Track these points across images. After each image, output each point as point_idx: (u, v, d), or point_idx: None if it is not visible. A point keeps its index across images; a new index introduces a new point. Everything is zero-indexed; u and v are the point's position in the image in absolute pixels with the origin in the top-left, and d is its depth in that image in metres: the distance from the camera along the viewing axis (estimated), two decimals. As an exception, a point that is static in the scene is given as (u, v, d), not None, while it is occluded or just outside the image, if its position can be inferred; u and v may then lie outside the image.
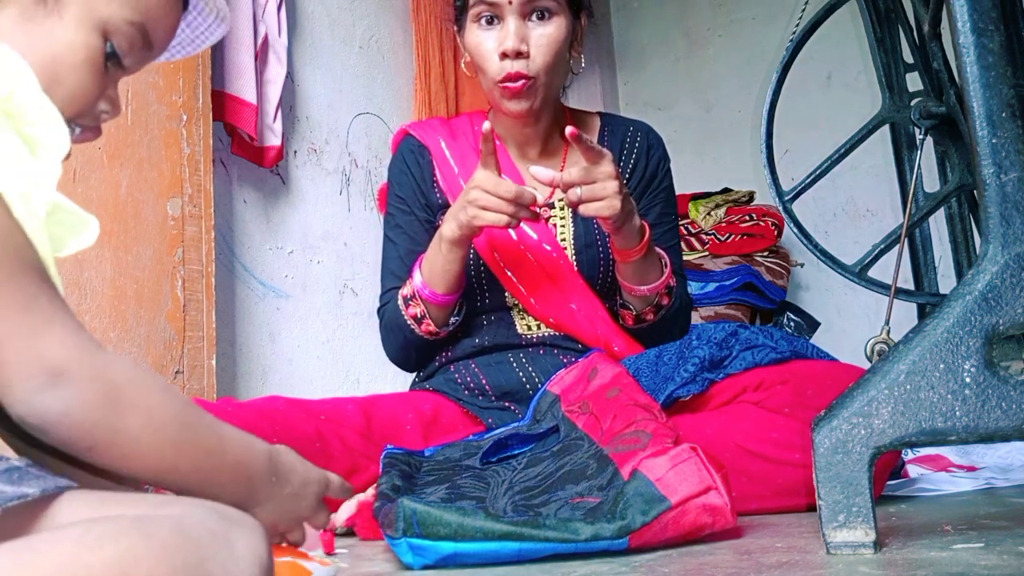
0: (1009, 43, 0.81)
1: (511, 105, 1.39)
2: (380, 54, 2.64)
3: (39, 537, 0.52)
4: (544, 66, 1.38)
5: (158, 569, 0.51)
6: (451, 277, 1.36)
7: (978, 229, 1.55)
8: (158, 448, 0.62)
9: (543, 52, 1.38)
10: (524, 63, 1.37)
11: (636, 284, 1.39)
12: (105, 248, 1.62)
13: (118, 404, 0.59)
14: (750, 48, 3.45)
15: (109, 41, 0.70)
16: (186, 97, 1.81)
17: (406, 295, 1.41)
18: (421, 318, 1.40)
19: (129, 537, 0.51)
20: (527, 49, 1.37)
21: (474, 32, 1.40)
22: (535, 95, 1.39)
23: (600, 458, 1.02)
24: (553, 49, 1.38)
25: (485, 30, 1.39)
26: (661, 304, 1.42)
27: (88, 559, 0.50)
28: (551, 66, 1.39)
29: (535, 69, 1.37)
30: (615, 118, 1.59)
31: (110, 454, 0.60)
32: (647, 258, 1.36)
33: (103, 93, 0.72)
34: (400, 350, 1.47)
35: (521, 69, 1.36)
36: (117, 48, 0.71)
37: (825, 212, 3.21)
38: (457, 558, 0.84)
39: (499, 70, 1.37)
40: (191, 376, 1.74)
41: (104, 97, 0.73)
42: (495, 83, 1.39)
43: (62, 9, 0.68)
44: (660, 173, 1.52)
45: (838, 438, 0.78)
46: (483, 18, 1.39)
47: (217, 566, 0.54)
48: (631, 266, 1.37)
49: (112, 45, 0.70)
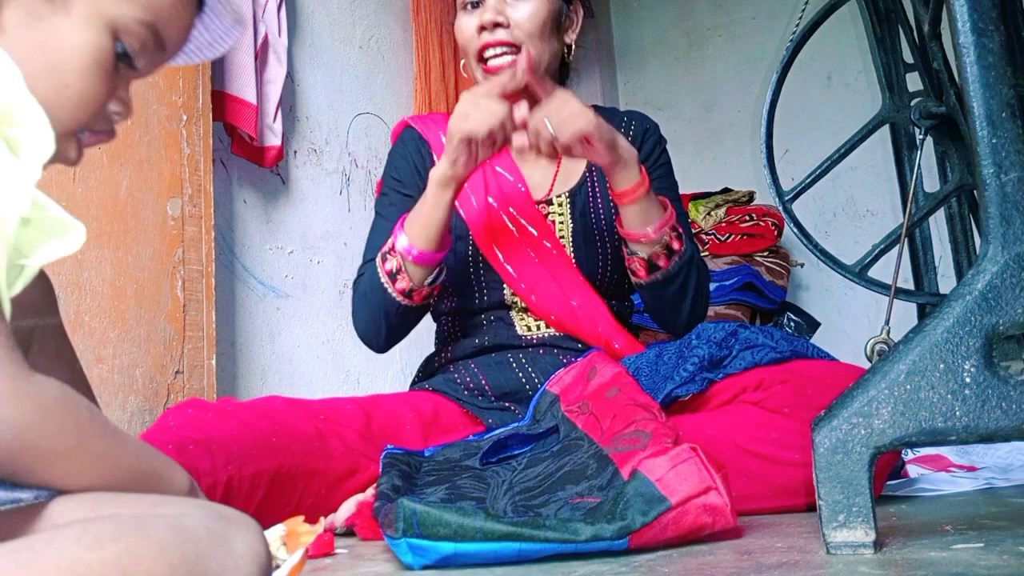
0: (1009, 43, 0.80)
1: (492, 62, 1.38)
2: (380, 54, 2.64)
3: (37, 537, 0.52)
4: (528, 34, 1.37)
5: (157, 568, 0.51)
6: (434, 227, 1.31)
7: (978, 229, 1.55)
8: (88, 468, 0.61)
9: (524, 21, 1.37)
10: (506, 32, 1.37)
11: (641, 227, 1.34)
12: (105, 248, 1.62)
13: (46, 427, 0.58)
14: (750, 48, 3.45)
15: (119, 41, 0.68)
16: (186, 97, 1.81)
17: (384, 250, 1.37)
18: (397, 273, 1.35)
19: (128, 537, 0.51)
20: (505, 20, 1.37)
21: (460, 18, 1.42)
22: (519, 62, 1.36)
23: (600, 458, 1.02)
24: (536, 20, 1.37)
25: (468, 14, 1.41)
26: (672, 248, 1.36)
27: (87, 559, 0.50)
28: (536, 36, 1.37)
29: (519, 36, 1.37)
30: (609, 110, 1.59)
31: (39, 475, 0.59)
32: (650, 197, 1.33)
33: (113, 95, 0.70)
34: (372, 318, 1.40)
35: (503, 37, 1.36)
36: (128, 48, 0.69)
37: (825, 212, 3.21)
38: (457, 558, 0.84)
39: (478, 44, 1.38)
40: (191, 376, 1.74)
41: (115, 99, 0.71)
42: (476, 62, 1.39)
43: (69, 7, 0.66)
44: (655, 153, 1.51)
45: (838, 438, 0.78)
46: (467, 3, 1.41)
47: (215, 565, 0.54)
48: (635, 208, 1.32)
49: (122, 45, 0.68)
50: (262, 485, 1.14)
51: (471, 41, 1.40)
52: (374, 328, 1.42)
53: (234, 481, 1.11)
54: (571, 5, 1.46)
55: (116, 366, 1.61)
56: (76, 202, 1.58)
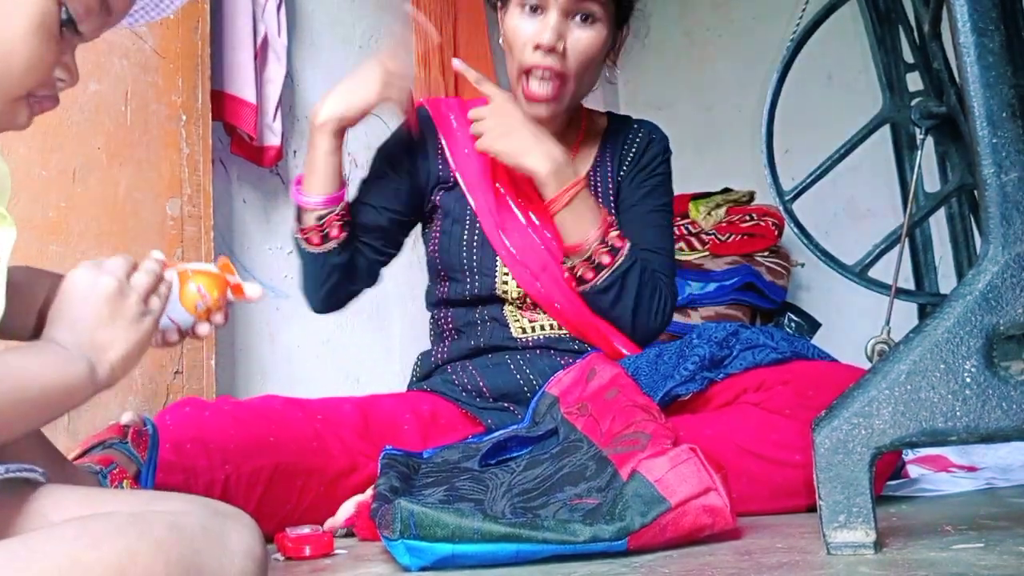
0: (1009, 43, 0.80)
1: (530, 109, 1.37)
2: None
3: (35, 535, 0.52)
4: (577, 67, 1.36)
5: (154, 566, 0.51)
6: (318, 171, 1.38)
7: (978, 229, 1.55)
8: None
9: (578, 54, 1.35)
10: (557, 59, 1.34)
11: (566, 238, 1.37)
12: (105, 248, 1.61)
13: None
14: (750, 48, 3.45)
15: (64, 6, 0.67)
16: (185, 97, 1.81)
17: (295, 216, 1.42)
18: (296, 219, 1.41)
19: (125, 535, 0.51)
20: (563, 47, 1.34)
21: (515, 16, 1.37)
22: (560, 101, 1.37)
23: (599, 459, 1.02)
24: (590, 53, 1.36)
25: (527, 17, 1.36)
26: (600, 262, 1.36)
27: (86, 557, 0.50)
28: (583, 68, 1.37)
29: (568, 68, 1.35)
30: (622, 117, 1.59)
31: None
32: (571, 210, 1.35)
33: (59, 61, 0.69)
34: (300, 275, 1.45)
35: (553, 64, 1.34)
36: (73, 13, 0.67)
37: (825, 212, 3.20)
38: (455, 559, 0.84)
39: (529, 59, 1.35)
40: (190, 376, 1.74)
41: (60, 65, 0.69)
42: (519, 75, 1.37)
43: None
44: (655, 163, 1.51)
45: (839, 438, 0.78)
46: (527, 5, 1.36)
47: (211, 561, 0.54)
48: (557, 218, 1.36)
49: (68, 10, 0.67)
50: (260, 483, 1.14)
51: (524, 52, 1.36)
52: (312, 287, 1.45)
53: (231, 480, 1.12)
54: (620, 31, 1.45)
55: (115, 366, 1.61)
56: (75, 202, 1.58)
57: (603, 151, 1.51)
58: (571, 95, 1.38)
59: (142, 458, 1.06)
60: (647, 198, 1.48)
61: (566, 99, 1.38)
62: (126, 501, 0.59)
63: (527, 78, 1.36)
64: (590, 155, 1.51)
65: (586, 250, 1.36)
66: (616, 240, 1.37)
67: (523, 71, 1.36)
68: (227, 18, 2.02)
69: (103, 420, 1.58)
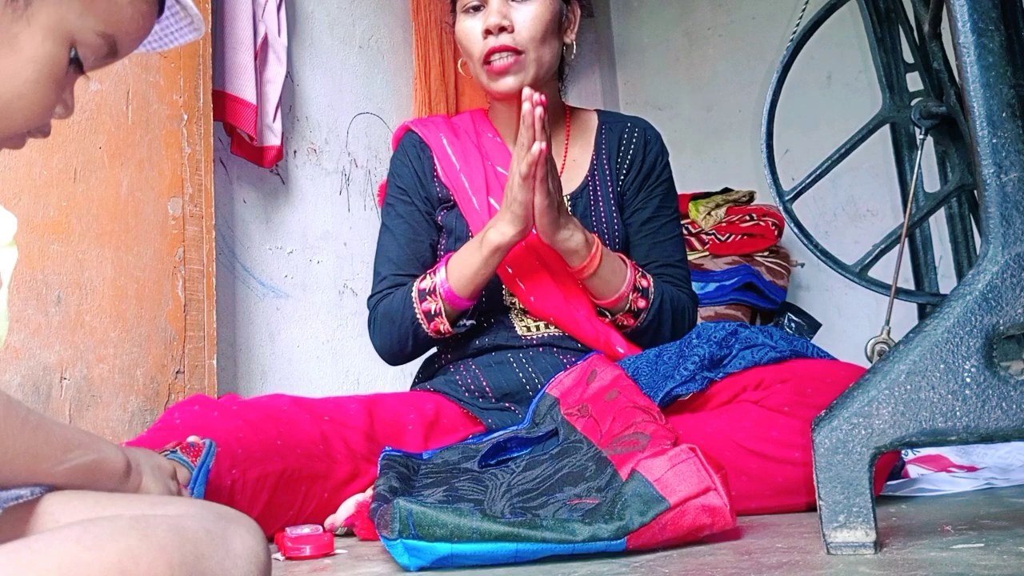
0: (1009, 43, 0.80)
1: (498, 85, 1.41)
2: (380, 54, 2.64)
3: (38, 537, 0.52)
4: (531, 39, 1.39)
5: (156, 568, 0.51)
6: (479, 283, 1.36)
7: (978, 229, 1.55)
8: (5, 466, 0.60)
9: (528, 26, 1.39)
10: (509, 37, 1.39)
11: (600, 297, 1.40)
12: (106, 248, 1.62)
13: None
14: (750, 48, 3.45)
15: (73, 48, 0.67)
16: (186, 97, 1.81)
17: (424, 288, 1.39)
18: (435, 315, 1.38)
19: (128, 537, 0.51)
20: (510, 24, 1.39)
21: (461, 21, 1.44)
22: (524, 71, 1.40)
23: (599, 460, 1.02)
24: (539, 24, 1.40)
25: (471, 17, 1.42)
26: (637, 308, 1.40)
27: (87, 559, 0.50)
28: (538, 40, 1.40)
29: (521, 42, 1.39)
30: (612, 115, 1.59)
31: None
32: (600, 274, 1.37)
33: (60, 99, 0.69)
34: (397, 343, 1.44)
35: (506, 42, 1.39)
36: (81, 56, 0.68)
37: (825, 212, 3.21)
38: (454, 559, 0.84)
39: (483, 48, 1.40)
40: (191, 376, 1.74)
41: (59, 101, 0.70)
42: (481, 65, 1.41)
43: (31, 16, 0.65)
44: (658, 167, 1.52)
45: (838, 438, 0.78)
46: (469, 7, 1.43)
47: (214, 564, 0.54)
48: (588, 283, 1.38)
49: (76, 52, 0.68)
50: (266, 489, 1.13)
51: (476, 44, 1.42)
52: (399, 351, 1.46)
53: (238, 485, 1.11)
54: (569, 5, 1.48)
55: (117, 366, 1.61)
56: (77, 201, 1.58)
57: (599, 152, 1.52)
58: (534, 67, 1.41)
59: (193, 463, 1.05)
60: (660, 210, 1.51)
61: (529, 71, 1.41)
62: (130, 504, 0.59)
63: (488, 65, 1.41)
64: (585, 158, 1.51)
65: (623, 304, 1.39)
66: (642, 281, 1.40)
67: (483, 61, 1.41)
68: (227, 18, 2.03)
69: (104, 420, 1.58)
